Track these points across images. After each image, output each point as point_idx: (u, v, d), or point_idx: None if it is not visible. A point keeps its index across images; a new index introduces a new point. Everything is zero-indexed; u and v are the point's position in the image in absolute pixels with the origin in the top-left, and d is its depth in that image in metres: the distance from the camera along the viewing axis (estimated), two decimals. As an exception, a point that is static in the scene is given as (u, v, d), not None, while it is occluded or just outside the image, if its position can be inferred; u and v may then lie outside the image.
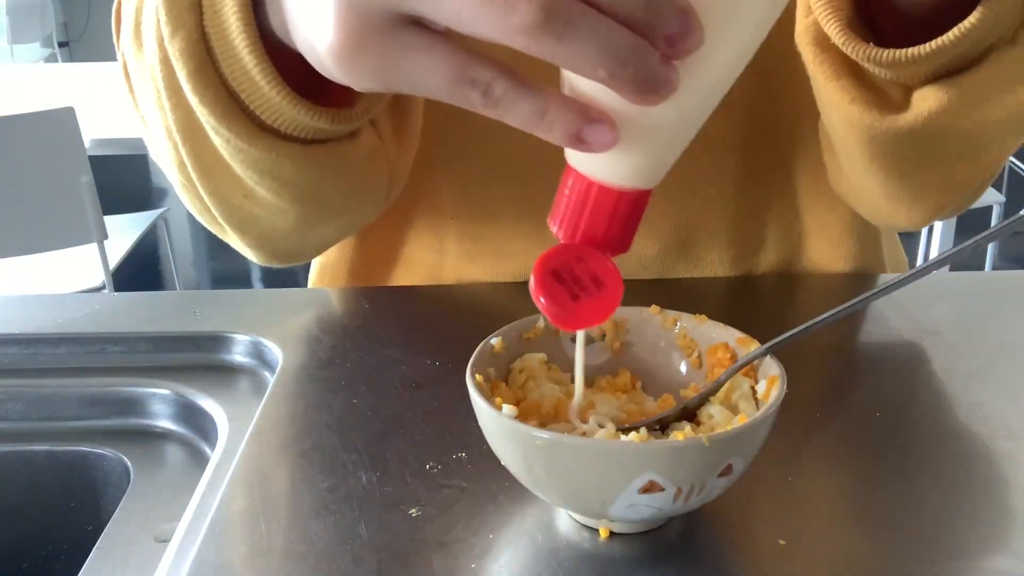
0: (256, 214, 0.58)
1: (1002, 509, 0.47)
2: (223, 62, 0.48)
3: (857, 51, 0.51)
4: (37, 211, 2.00)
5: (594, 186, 0.38)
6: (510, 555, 0.45)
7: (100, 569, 0.51)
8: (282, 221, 0.58)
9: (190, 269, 3.41)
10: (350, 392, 0.58)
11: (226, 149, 0.52)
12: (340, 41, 0.36)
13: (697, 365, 0.50)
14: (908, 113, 0.54)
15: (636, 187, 0.39)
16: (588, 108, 0.35)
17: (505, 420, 0.42)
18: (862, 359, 0.63)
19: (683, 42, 0.33)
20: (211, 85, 0.48)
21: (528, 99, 0.35)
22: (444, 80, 0.35)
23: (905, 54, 0.50)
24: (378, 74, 0.37)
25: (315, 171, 0.53)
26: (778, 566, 0.44)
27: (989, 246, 2.59)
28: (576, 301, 0.40)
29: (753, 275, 0.73)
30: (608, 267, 0.40)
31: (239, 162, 0.53)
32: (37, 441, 0.62)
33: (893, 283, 0.43)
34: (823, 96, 0.58)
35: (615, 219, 0.39)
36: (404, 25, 0.36)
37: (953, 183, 0.61)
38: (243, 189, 0.55)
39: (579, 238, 0.39)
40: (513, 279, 0.72)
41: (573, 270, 0.40)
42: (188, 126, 0.53)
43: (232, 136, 0.50)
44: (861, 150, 0.58)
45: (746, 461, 0.42)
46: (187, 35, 0.48)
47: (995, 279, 0.86)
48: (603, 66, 0.33)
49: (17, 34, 4.13)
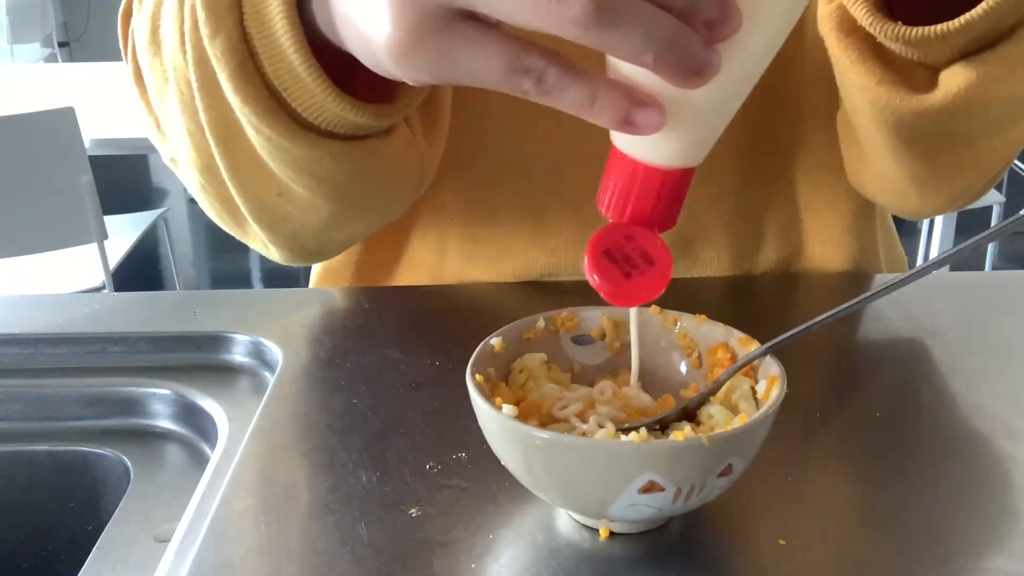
0: (288, 211, 0.58)
1: (1002, 509, 0.48)
2: (266, 61, 0.48)
3: (886, 31, 0.52)
4: (37, 211, 2.00)
5: (640, 167, 0.40)
6: (510, 555, 0.45)
7: (100, 569, 0.51)
8: (314, 218, 0.59)
9: (190, 269, 3.41)
10: (350, 392, 0.58)
11: (265, 147, 0.52)
12: (397, 37, 0.38)
13: (697, 365, 0.50)
14: (936, 92, 0.54)
15: (681, 166, 0.40)
16: (636, 92, 0.37)
17: (505, 420, 0.42)
18: (862, 359, 0.63)
19: (723, 26, 0.35)
20: (253, 84, 0.49)
21: (579, 85, 0.36)
22: (498, 70, 0.36)
23: (934, 31, 0.51)
24: (434, 67, 0.38)
25: (352, 167, 0.54)
26: (778, 566, 0.44)
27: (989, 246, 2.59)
28: (629, 279, 0.41)
29: (753, 275, 0.73)
30: (657, 243, 0.41)
31: (277, 160, 0.53)
32: (37, 441, 0.62)
33: (893, 283, 0.43)
34: (848, 80, 0.58)
35: (661, 197, 0.40)
36: (459, 19, 0.37)
37: (978, 163, 0.61)
38: (278, 187, 0.56)
39: (627, 217, 0.41)
40: (514, 279, 0.72)
41: (623, 248, 0.41)
42: (223, 126, 0.53)
43: (273, 134, 0.50)
44: (888, 133, 0.58)
45: (746, 461, 0.42)
46: (228, 35, 0.48)
47: (995, 279, 0.86)
48: (650, 52, 0.34)
49: (17, 34, 4.13)
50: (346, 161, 0.53)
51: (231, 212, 0.60)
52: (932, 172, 0.61)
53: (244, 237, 0.64)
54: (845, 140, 0.67)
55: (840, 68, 0.58)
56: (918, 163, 0.60)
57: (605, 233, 0.41)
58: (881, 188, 0.68)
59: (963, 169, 0.62)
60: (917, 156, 0.60)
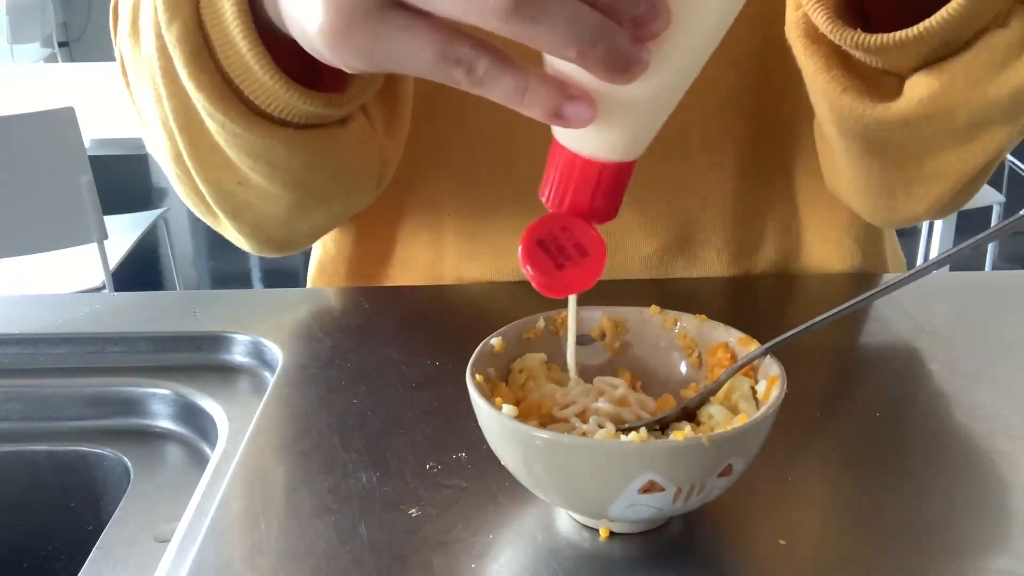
0: (249, 200, 0.59)
1: (1002, 509, 0.48)
2: (219, 48, 0.49)
3: (845, 37, 0.52)
4: (37, 211, 2.00)
5: (578, 159, 0.40)
6: (510, 555, 0.45)
7: (100, 569, 0.51)
8: (275, 207, 0.59)
9: (190, 269, 3.41)
10: (350, 392, 0.58)
11: (221, 134, 0.53)
12: (329, 22, 0.38)
13: (697, 365, 0.50)
14: (900, 101, 0.54)
15: (618, 160, 0.40)
16: (567, 85, 0.37)
17: (505, 420, 0.42)
18: (862, 359, 0.63)
19: (650, 23, 0.35)
20: (207, 71, 0.50)
21: (509, 76, 0.36)
22: (429, 58, 0.37)
23: (892, 38, 0.50)
24: (366, 54, 0.38)
25: (307, 155, 0.55)
26: (778, 566, 0.44)
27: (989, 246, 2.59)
28: (561, 269, 0.42)
29: (752, 275, 0.73)
30: (592, 235, 0.42)
31: (233, 147, 0.54)
32: (37, 441, 0.62)
33: (893, 283, 0.43)
34: (815, 87, 0.58)
35: (599, 190, 0.41)
36: (389, 7, 0.37)
37: (948, 172, 0.60)
38: (237, 175, 0.57)
39: (566, 208, 0.41)
40: (512, 277, 0.72)
41: (558, 239, 0.42)
42: (184, 113, 0.54)
43: (227, 121, 0.51)
44: (854, 141, 0.58)
45: (746, 461, 0.42)
46: (183, 23, 0.49)
47: (995, 279, 0.86)
48: (573, 46, 0.34)
49: (17, 34, 4.13)
50: (301, 149, 0.54)
51: (204, 202, 0.61)
52: (900, 181, 0.61)
53: (218, 227, 0.64)
54: (820, 148, 0.67)
55: (807, 75, 0.58)
56: (886, 172, 0.60)
57: (540, 224, 0.42)
58: (854, 196, 0.68)
59: (933, 179, 0.61)
60: (884, 166, 0.60)
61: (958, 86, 0.52)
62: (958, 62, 0.52)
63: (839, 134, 0.59)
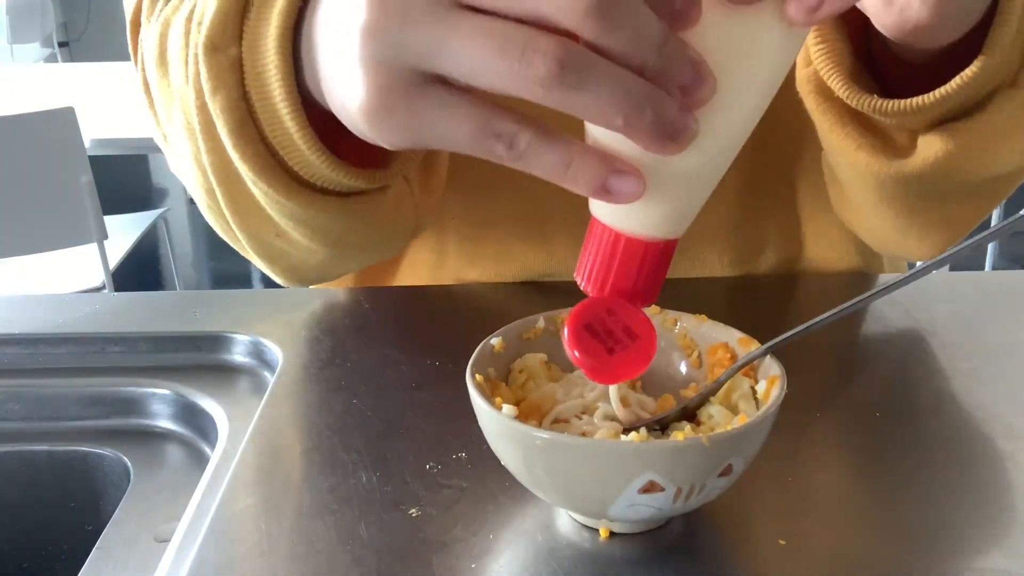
0: (286, 250, 0.60)
1: (1002, 509, 0.47)
2: (266, 125, 0.49)
3: (862, 103, 0.52)
4: (37, 211, 2.00)
5: (622, 238, 0.38)
6: (510, 555, 0.45)
7: (100, 569, 0.51)
8: (311, 258, 0.60)
9: (190, 269, 3.41)
10: (350, 392, 0.58)
11: (263, 199, 0.53)
12: (369, 100, 0.37)
13: (697, 365, 0.50)
14: (915, 158, 0.54)
15: (663, 237, 0.39)
16: (613, 158, 0.36)
17: (505, 420, 0.42)
18: (862, 359, 0.63)
19: (697, 91, 0.34)
20: (252, 142, 0.49)
21: (553, 150, 0.35)
22: (469, 134, 0.36)
23: (910, 104, 0.51)
24: (406, 131, 0.38)
25: (347, 220, 0.55)
26: (778, 566, 0.44)
27: (989, 246, 2.59)
28: (612, 354, 0.40)
29: (753, 275, 0.73)
30: (640, 319, 0.40)
31: (275, 211, 0.54)
32: (37, 441, 0.62)
33: (893, 283, 0.43)
34: (829, 142, 0.58)
35: (643, 269, 0.39)
36: (429, 83, 0.36)
37: (963, 218, 0.62)
38: (276, 230, 0.57)
39: (608, 291, 0.40)
40: (513, 280, 0.72)
41: (605, 323, 0.40)
42: (224, 170, 0.53)
43: (271, 191, 0.51)
44: (869, 192, 0.59)
45: (746, 461, 0.42)
46: (228, 94, 0.48)
47: (995, 279, 0.86)
48: (621, 114, 0.33)
49: (17, 34, 4.13)
50: (342, 216, 0.54)
51: (234, 237, 0.61)
52: (915, 225, 0.62)
53: (245, 254, 0.64)
54: (829, 180, 0.68)
55: (820, 128, 0.58)
56: (901, 218, 0.61)
57: (586, 307, 0.40)
58: (866, 234, 0.69)
59: (949, 224, 0.62)
60: (899, 212, 0.60)
61: (973, 145, 0.53)
62: (973, 123, 0.52)
63: (855, 185, 0.60)
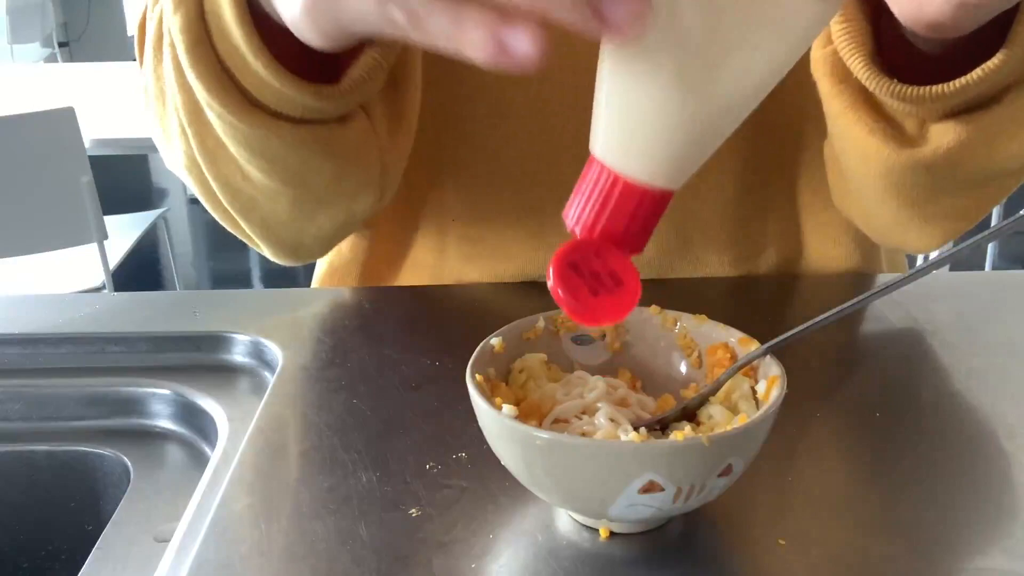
0: (254, 197, 0.59)
1: (1002, 509, 0.48)
2: (216, 37, 0.50)
3: (881, 86, 0.52)
4: (37, 211, 2.00)
5: (620, 181, 0.37)
6: (510, 555, 0.45)
7: (100, 569, 0.51)
8: (277, 205, 0.60)
9: (190, 269, 3.41)
10: (350, 392, 0.58)
11: (219, 125, 0.54)
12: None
13: (697, 365, 0.50)
14: (926, 147, 0.55)
15: (662, 186, 0.38)
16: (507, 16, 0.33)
17: (505, 420, 0.42)
18: (862, 359, 0.63)
19: None
20: (204, 60, 0.50)
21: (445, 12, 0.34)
22: (373, 8, 0.36)
23: (930, 91, 0.51)
24: (327, 14, 0.39)
25: (303, 151, 0.55)
26: (778, 566, 0.44)
27: (989, 246, 2.59)
28: (595, 296, 0.39)
29: (753, 275, 0.73)
30: (627, 265, 0.39)
31: (230, 138, 0.54)
32: (37, 441, 0.62)
33: (893, 283, 0.43)
34: (838, 126, 0.58)
35: (636, 216, 0.38)
36: None
37: (965, 211, 0.62)
38: (241, 171, 0.57)
39: (598, 233, 0.38)
40: (512, 281, 0.72)
41: (592, 264, 0.39)
42: (191, 108, 0.54)
43: (223, 111, 0.51)
44: (875, 179, 0.59)
45: (746, 461, 0.42)
46: (186, 12, 0.50)
47: (995, 279, 0.86)
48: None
49: (17, 34, 4.13)
50: (296, 144, 0.54)
51: (219, 204, 0.61)
52: (917, 217, 0.62)
53: (238, 231, 0.64)
54: (831, 172, 0.68)
55: (830, 112, 0.58)
56: (903, 209, 0.61)
57: (573, 247, 0.39)
58: (866, 225, 0.69)
59: (950, 217, 0.62)
60: (902, 203, 0.60)
61: (984, 137, 0.53)
62: (987, 116, 0.53)
63: (860, 172, 0.60)
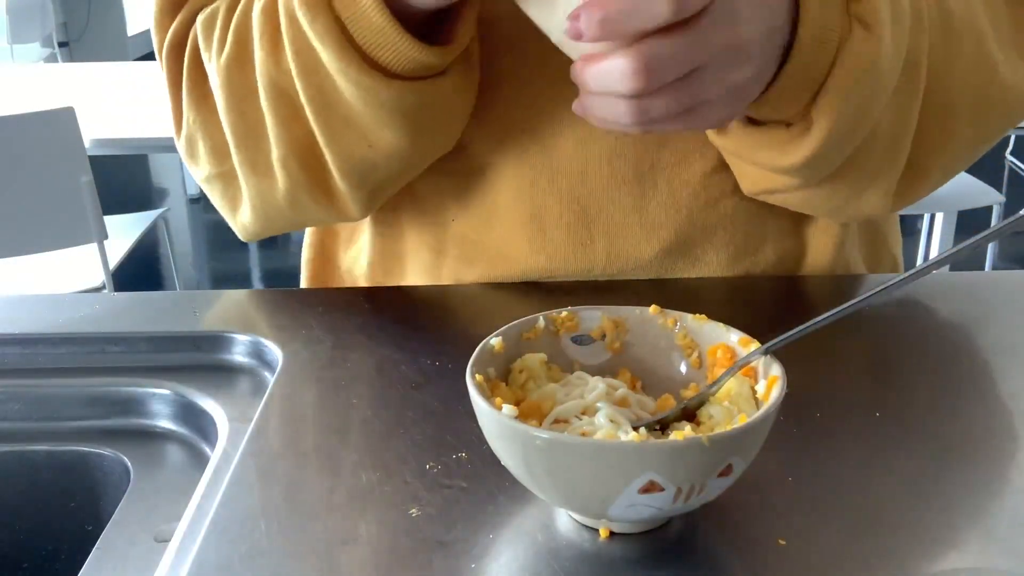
0: (376, 161, 0.63)
1: (1002, 509, 0.48)
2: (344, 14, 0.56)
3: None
4: (37, 211, 2.00)
5: None
6: (510, 555, 0.45)
7: (100, 569, 0.51)
8: (395, 163, 0.64)
9: (190, 269, 3.41)
10: (350, 392, 0.58)
11: (354, 93, 0.59)
12: None
13: (697, 365, 0.50)
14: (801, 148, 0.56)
15: None
16: None
17: (505, 420, 0.42)
18: (862, 359, 0.63)
19: None
20: (331, 32, 0.56)
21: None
22: None
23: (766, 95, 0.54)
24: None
25: (418, 96, 0.60)
26: (778, 566, 0.44)
27: (989, 246, 2.59)
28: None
29: (753, 275, 0.73)
30: None
31: (366, 103, 0.59)
32: (37, 441, 0.62)
33: (893, 283, 0.43)
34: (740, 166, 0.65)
35: None
36: None
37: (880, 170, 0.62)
38: (368, 139, 0.61)
39: None
40: (512, 282, 0.72)
41: None
42: (317, 91, 0.59)
43: (349, 69, 0.57)
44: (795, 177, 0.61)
45: (746, 461, 0.42)
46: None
47: (995, 279, 0.86)
48: None
49: (17, 34, 4.13)
50: (417, 94, 0.59)
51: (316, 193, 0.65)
52: (839, 191, 0.63)
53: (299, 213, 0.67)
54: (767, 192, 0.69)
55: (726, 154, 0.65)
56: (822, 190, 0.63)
57: None
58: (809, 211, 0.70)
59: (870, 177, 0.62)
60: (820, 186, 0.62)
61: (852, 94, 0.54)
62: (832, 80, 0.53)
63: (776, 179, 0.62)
